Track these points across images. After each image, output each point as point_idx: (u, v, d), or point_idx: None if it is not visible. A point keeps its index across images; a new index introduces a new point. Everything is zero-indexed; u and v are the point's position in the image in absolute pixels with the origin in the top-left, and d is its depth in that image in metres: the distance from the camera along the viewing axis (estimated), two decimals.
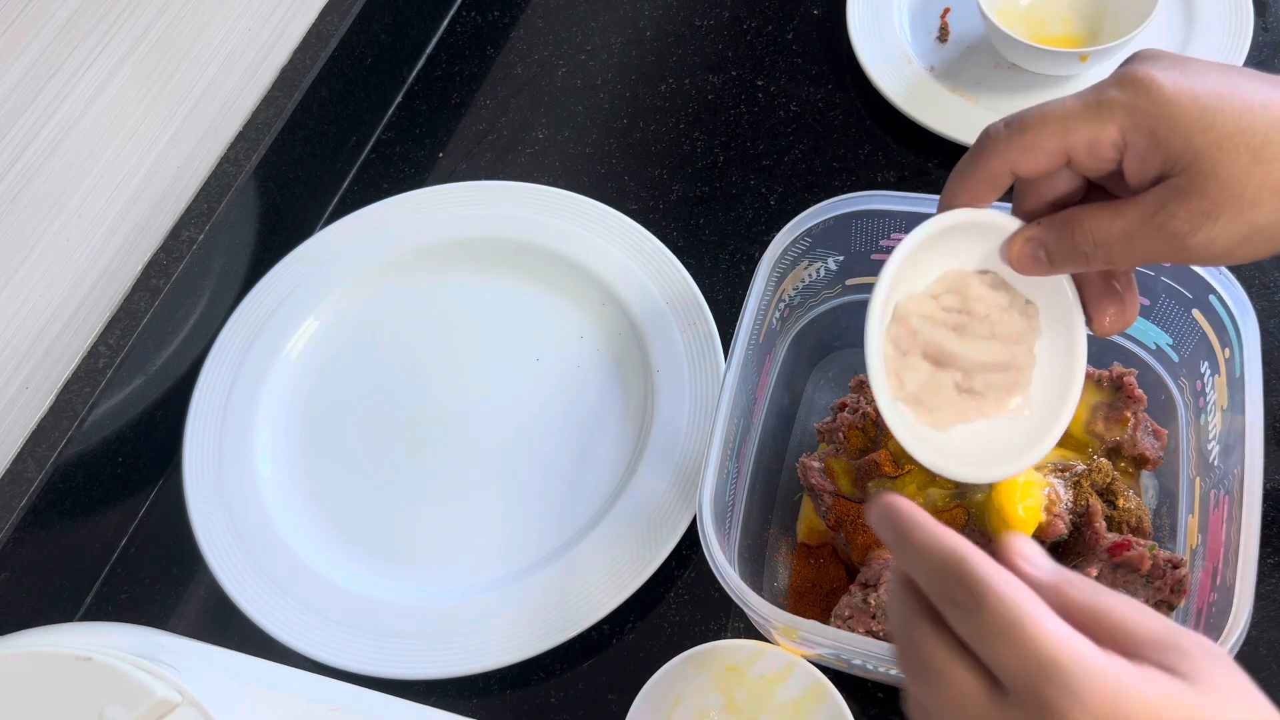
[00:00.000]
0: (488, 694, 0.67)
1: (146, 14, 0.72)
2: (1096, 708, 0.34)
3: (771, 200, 0.83)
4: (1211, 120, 0.41)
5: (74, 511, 0.72)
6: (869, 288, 0.68)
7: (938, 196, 0.62)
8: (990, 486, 0.57)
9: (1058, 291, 0.49)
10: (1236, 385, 0.56)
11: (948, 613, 0.38)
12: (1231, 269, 0.57)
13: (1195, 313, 0.60)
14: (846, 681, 0.57)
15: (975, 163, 0.46)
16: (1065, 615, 0.37)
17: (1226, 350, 0.58)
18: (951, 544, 0.38)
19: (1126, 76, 0.42)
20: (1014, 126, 0.44)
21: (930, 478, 0.60)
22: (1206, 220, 0.41)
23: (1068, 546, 0.59)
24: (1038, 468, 0.60)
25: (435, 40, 0.97)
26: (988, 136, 0.45)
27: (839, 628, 0.56)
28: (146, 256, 0.77)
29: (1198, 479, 0.59)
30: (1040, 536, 0.57)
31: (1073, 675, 0.35)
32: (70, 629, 0.64)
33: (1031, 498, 0.57)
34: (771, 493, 0.67)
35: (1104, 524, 0.58)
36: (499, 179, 0.85)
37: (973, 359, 0.48)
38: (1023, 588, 0.37)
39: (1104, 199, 0.45)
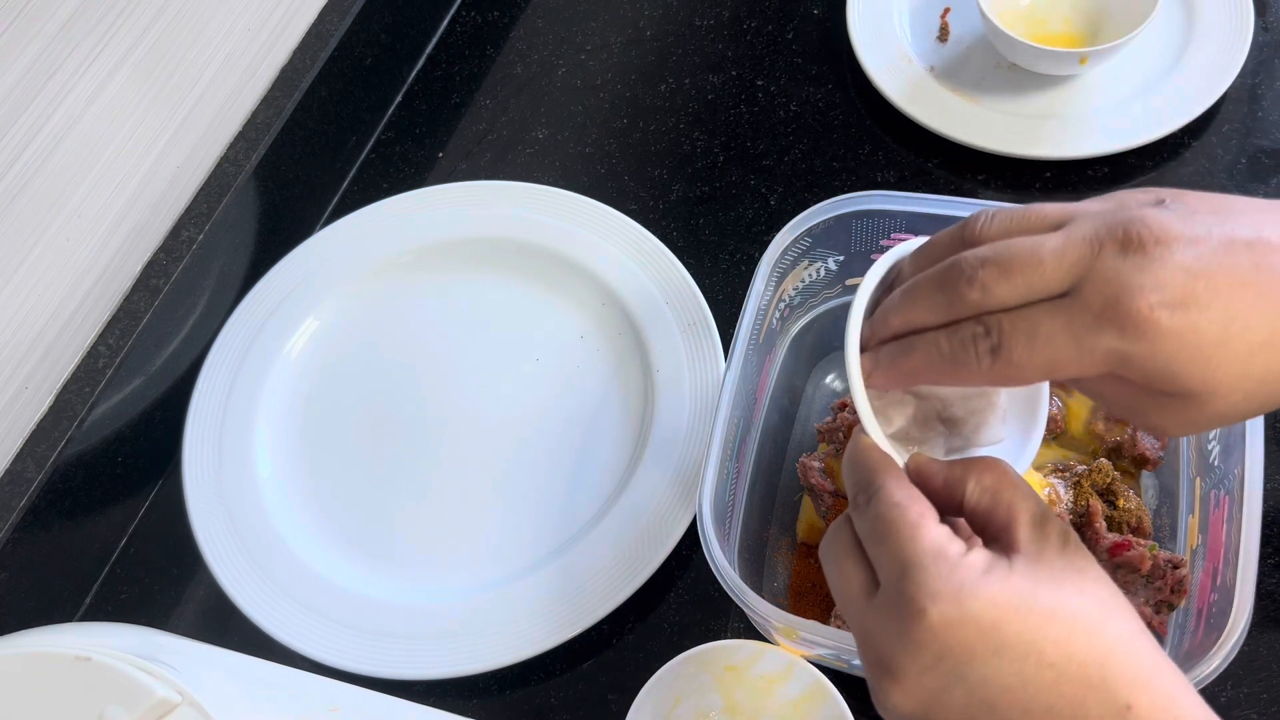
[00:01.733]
0: (488, 694, 0.67)
1: (146, 14, 0.72)
2: (944, 605, 0.39)
3: (771, 200, 0.83)
4: (1213, 371, 0.38)
5: (73, 511, 0.72)
6: None
7: (938, 196, 0.62)
8: None
9: None
10: None
11: (852, 513, 0.44)
12: None
13: None
14: (846, 681, 0.57)
15: (949, 370, 0.42)
16: (966, 513, 0.43)
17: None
18: (872, 456, 0.44)
19: (1123, 314, 0.38)
20: (999, 357, 0.40)
21: None
22: (1192, 426, 0.41)
23: None
24: (1036, 468, 0.60)
25: (435, 40, 0.97)
26: (967, 354, 0.41)
27: (839, 628, 0.56)
28: (146, 256, 0.77)
29: (1198, 479, 0.59)
30: None
31: (928, 574, 0.40)
32: (70, 629, 0.64)
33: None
34: (771, 493, 0.67)
35: (1104, 524, 0.58)
36: (499, 179, 0.85)
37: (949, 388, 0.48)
38: (914, 496, 0.42)
39: None
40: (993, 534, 0.42)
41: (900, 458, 0.45)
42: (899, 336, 0.44)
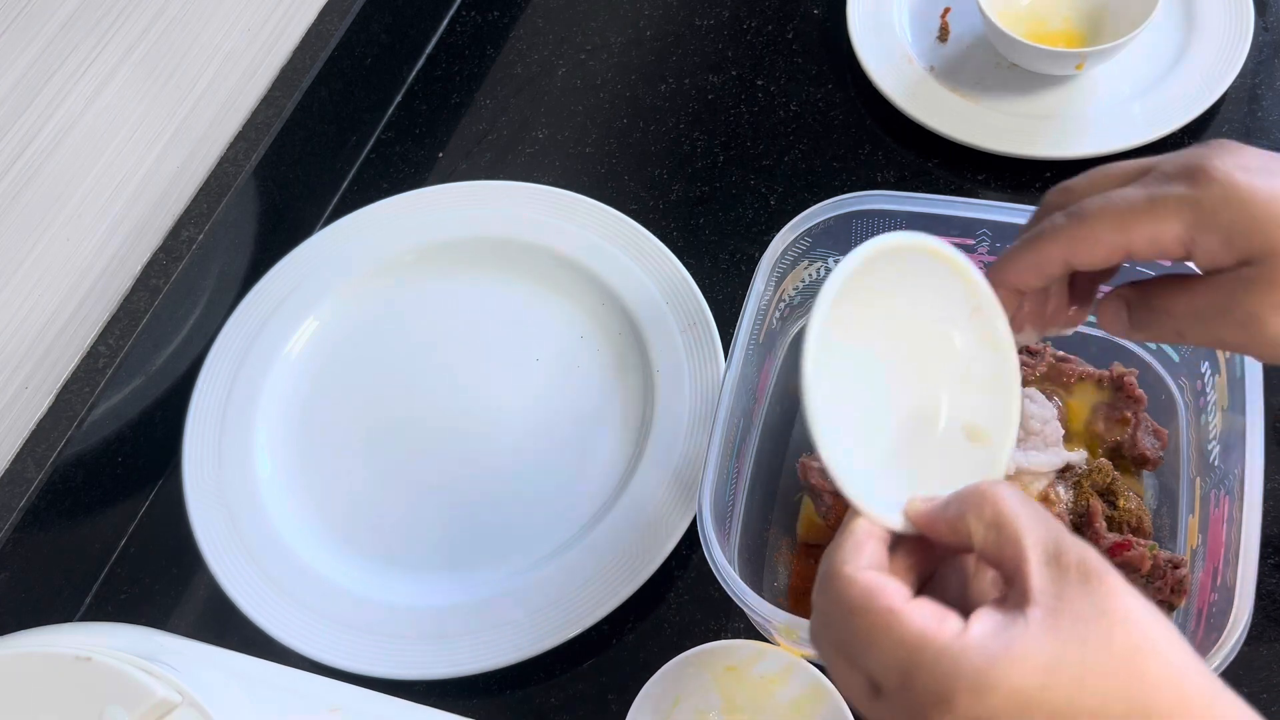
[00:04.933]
0: (488, 694, 0.67)
1: (146, 14, 0.72)
2: (961, 706, 0.34)
3: (771, 200, 0.83)
4: None
5: (73, 511, 0.72)
6: None
7: (938, 196, 0.62)
8: None
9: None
10: (1237, 385, 0.55)
11: (821, 624, 0.40)
12: None
13: None
14: None
15: (1031, 246, 0.44)
16: (979, 556, 0.39)
17: (1227, 350, 0.57)
18: (829, 561, 0.40)
19: (1197, 170, 0.40)
20: (1074, 216, 0.42)
21: None
22: (1273, 320, 0.40)
23: None
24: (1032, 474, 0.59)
25: (435, 40, 0.97)
26: (1047, 222, 0.44)
27: None
28: (146, 256, 0.77)
29: (1198, 479, 0.59)
30: None
31: (930, 674, 0.35)
32: (70, 629, 0.64)
33: None
34: (771, 493, 0.67)
35: (1104, 524, 0.58)
36: (499, 179, 0.85)
37: None
38: (874, 576, 0.38)
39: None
40: (1006, 577, 0.38)
41: (894, 509, 0.42)
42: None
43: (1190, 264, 0.43)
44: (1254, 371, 0.55)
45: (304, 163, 0.85)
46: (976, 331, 0.47)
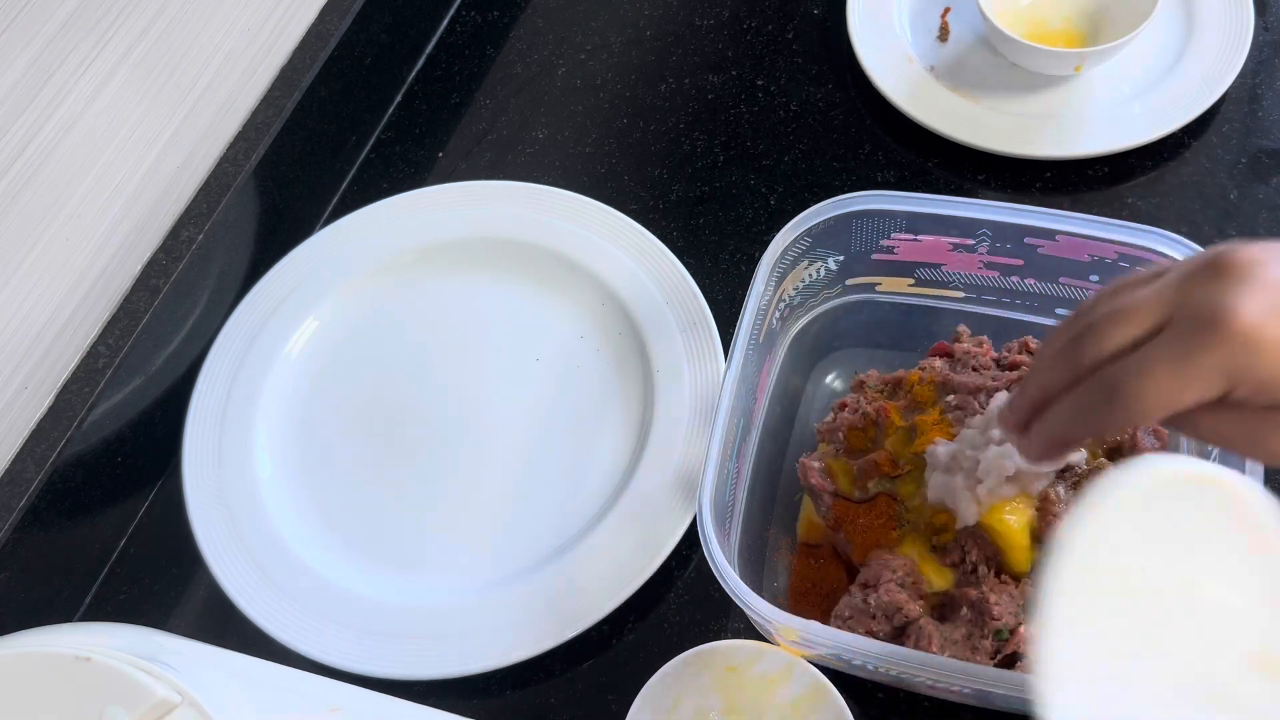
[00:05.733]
0: (488, 694, 0.67)
1: (146, 14, 0.72)
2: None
3: (771, 200, 0.83)
4: None
5: (73, 511, 0.72)
6: (869, 287, 0.68)
7: (938, 196, 0.62)
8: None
9: None
10: None
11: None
12: None
13: None
14: (846, 681, 0.57)
15: (1078, 426, 0.45)
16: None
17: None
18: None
19: (1220, 324, 0.39)
20: (1116, 398, 0.42)
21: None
22: None
23: None
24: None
25: (435, 40, 0.97)
26: (1091, 407, 0.43)
27: (839, 628, 0.56)
28: (146, 256, 0.77)
29: None
30: (1041, 537, 0.57)
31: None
32: (70, 629, 0.64)
33: (1015, 513, 0.57)
34: (771, 493, 0.67)
35: None
36: (499, 179, 0.85)
37: None
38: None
39: None
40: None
41: None
42: (1038, 408, 0.46)
43: None
44: None
45: (304, 163, 0.85)
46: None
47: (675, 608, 0.68)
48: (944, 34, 0.87)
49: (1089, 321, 0.44)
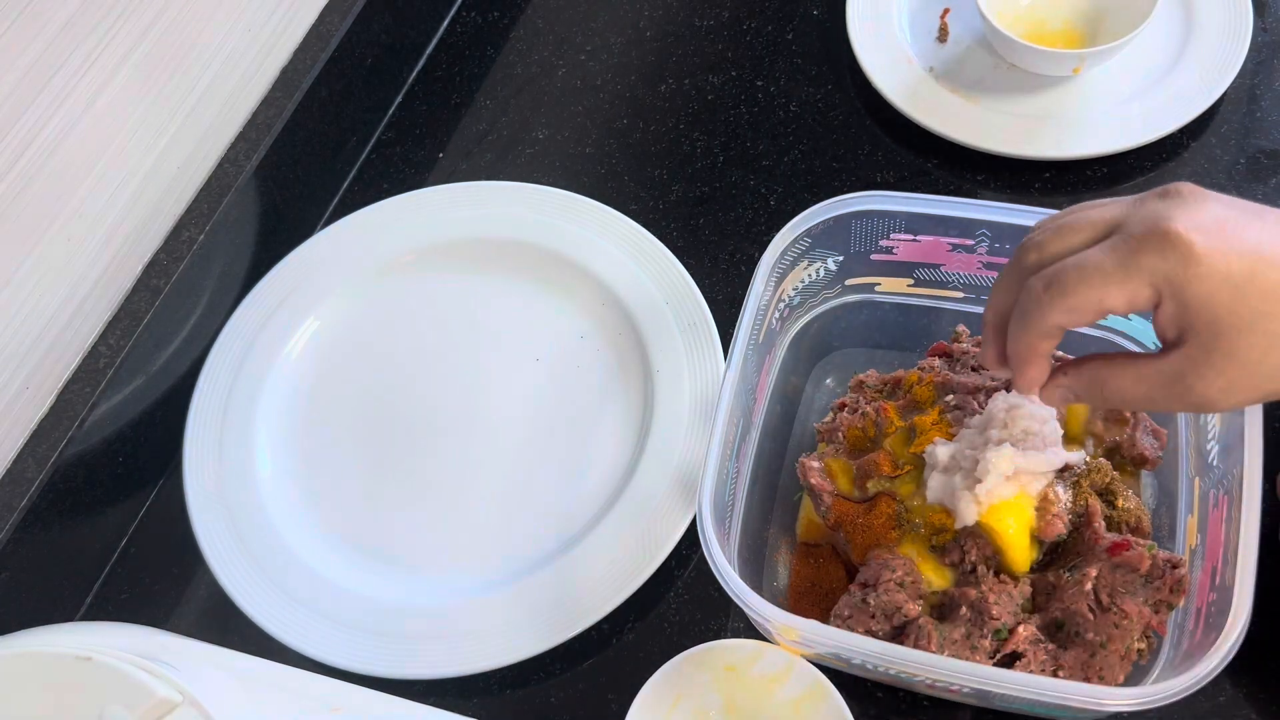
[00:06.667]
0: (488, 694, 0.67)
1: (146, 14, 0.72)
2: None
3: (771, 200, 0.83)
4: (1240, 302, 0.43)
5: (74, 511, 0.72)
6: (869, 288, 0.68)
7: (937, 197, 0.63)
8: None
9: None
10: None
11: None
12: None
13: None
14: (846, 681, 0.57)
15: (1026, 324, 0.48)
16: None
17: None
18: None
19: (1164, 235, 0.43)
20: (1054, 288, 0.46)
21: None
22: (1222, 395, 0.45)
23: (1067, 546, 0.59)
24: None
25: (435, 40, 0.97)
26: (1031, 299, 0.47)
27: (839, 628, 0.56)
28: (147, 257, 0.77)
29: (1197, 479, 0.59)
30: (1039, 537, 0.57)
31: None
32: (70, 629, 0.64)
33: (1014, 513, 0.57)
34: (771, 493, 0.68)
35: (1103, 524, 0.58)
36: (499, 179, 0.85)
37: None
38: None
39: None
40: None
41: None
42: (1001, 331, 0.50)
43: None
44: None
45: (304, 163, 0.85)
46: None
47: (675, 607, 0.68)
48: (943, 35, 0.87)
49: (1036, 239, 0.48)
